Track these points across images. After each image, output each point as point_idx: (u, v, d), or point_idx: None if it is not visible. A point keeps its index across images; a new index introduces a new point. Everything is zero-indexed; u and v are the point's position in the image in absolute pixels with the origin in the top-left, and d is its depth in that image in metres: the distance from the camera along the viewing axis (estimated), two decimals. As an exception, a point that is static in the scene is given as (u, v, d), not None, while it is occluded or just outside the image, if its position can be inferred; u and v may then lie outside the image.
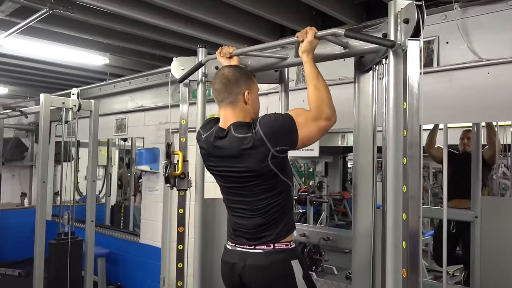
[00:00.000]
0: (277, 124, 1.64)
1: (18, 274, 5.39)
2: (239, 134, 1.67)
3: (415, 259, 1.43)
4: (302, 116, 1.66)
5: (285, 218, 1.74)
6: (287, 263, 1.69)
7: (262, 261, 1.70)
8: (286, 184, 1.73)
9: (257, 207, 1.71)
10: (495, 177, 3.93)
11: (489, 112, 2.35)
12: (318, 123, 1.65)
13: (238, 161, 1.67)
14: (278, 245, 1.70)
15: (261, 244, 1.71)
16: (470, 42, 2.36)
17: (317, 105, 1.66)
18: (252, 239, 1.73)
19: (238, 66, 1.86)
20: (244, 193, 1.74)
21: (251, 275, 1.70)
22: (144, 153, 4.64)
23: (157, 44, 3.54)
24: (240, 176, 1.71)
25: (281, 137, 1.63)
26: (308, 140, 1.67)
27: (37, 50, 3.61)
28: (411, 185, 1.43)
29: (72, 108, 3.71)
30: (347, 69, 2.60)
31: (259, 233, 1.71)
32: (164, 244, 4.54)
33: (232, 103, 1.73)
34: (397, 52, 1.50)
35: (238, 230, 1.78)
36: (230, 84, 1.72)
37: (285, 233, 1.73)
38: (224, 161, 1.74)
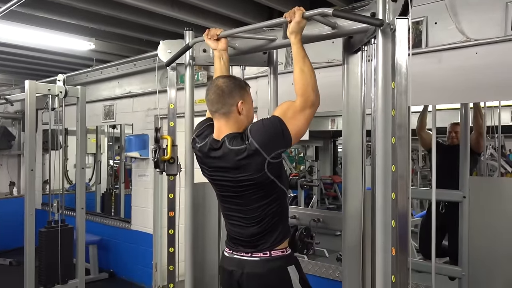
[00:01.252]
0: (268, 131, 1.63)
1: (10, 263, 5.39)
2: (233, 146, 1.65)
3: (404, 238, 1.45)
4: (288, 111, 1.64)
5: (281, 225, 1.75)
6: (284, 269, 1.71)
7: (259, 269, 1.72)
8: (281, 190, 1.73)
9: (253, 216, 1.72)
10: (483, 159, 3.97)
11: (477, 92, 2.37)
12: (304, 112, 1.64)
13: (234, 172, 1.67)
14: (274, 252, 1.72)
15: (257, 252, 1.72)
16: (459, 22, 2.36)
17: (303, 92, 1.64)
18: (249, 246, 1.74)
19: (232, 76, 1.83)
20: (239, 202, 1.74)
21: (249, 282, 1.72)
22: (133, 139, 4.60)
23: (144, 28, 3.48)
24: (235, 185, 1.70)
25: (275, 142, 1.62)
26: (299, 133, 1.67)
27: (20, 36, 3.53)
28: (400, 165, 1.43)
29: (58, 95, 3.65)
30: (336, 52, 2.59)
31: (256, 241, 1.73)
32: (156, 230, 4.55)
33: (225, 114, 1.71)
34: (385, 31, 1.49)
35: (234, 238, 1.79)
36: (224, 95, 1.70)
37: (281, 239, 1.74)
38: (220, 172, 1.73)
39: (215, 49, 1.99)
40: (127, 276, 4.88)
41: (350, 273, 2.03)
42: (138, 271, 4.73)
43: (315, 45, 1.91)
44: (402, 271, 1.44)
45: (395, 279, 1.44)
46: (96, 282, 4.78)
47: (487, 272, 2.67)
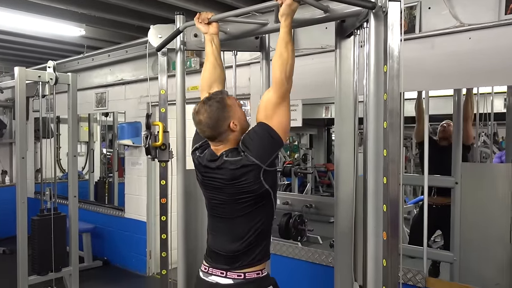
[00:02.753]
0: (259, 141, 1.62)
1: (3, 252, 5.38)
2: (230, 158, 1.65)
3: (395, 222, 1.45)
4: (268, 109, 1.63)
5: (263, 243, 1.73)
6: None
7: None
8: (271, 205, 1.71)
9: (238, 229, 1.70)
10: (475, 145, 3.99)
11: (470, 77, 2.36)
12: (282, 104, 1.63)
13: (229, 182, 1.66)
14: (249, 274, 1.69)
15: (233, 270, 1.69)
16: (452, 7, 2.35)
17: (278, 80, 1.62)
18: (227, 263, 1.71)
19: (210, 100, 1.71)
20: (227, 211, 1.72)
21: None
22: (126, 127, 4.57)
23: (135, 14, 3.43)
24: (227, 195, 1.69)
25: (268, 149, 1.63)
26: (285, 126, 1.65)
27: (8, 22, 3.46)
28: (392, 149, 1.43)
29: (49, 82, 3.60)
30: (329, 37, 2.56)
31: (235, 258, 1.70)
32: (149, 217, 4.55)
33: (223, 140, 1.70)
34: (377, 14, 1.47)
35: (214, 252, 1.77)
36: (214, 128, 1.67)
37: (260, 259, 1.72)
38: (215, 181, 1.72)
39: (206, 33, 1.97)
40: (121, 264, 4.89)
41: (342, 258, 2.05)
42: (132, 259, 4.74)
43: (308, 31, 1.90)
44: (393, 255, 1.44)
45: (386, 263, 1.45)
46: (90, 270, 4.78)
47: (478, 257, 2.70)
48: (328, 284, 2.54)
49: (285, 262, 3.23)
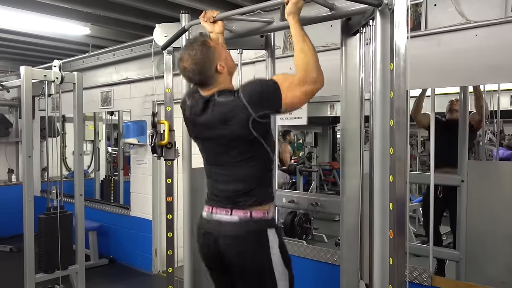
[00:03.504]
0: (260, 89, 1.62)
1: (10, 250, 5.42)
2: (222, 99, 1.66)
3: (401, 220, 1.44)
4: (287, 81, 1.62)
5: (264, 186, 1.74)
6: (263, 232, 1.69)
7: (237, 230, 1.69)
8: (266, 152, 1.71)
9: (237, 173, 1.70)
10: (481, 143, 3.97)
11: (477, 75, 2.35)
12: (303, 87, 1.60)
13: (220, 126, 1.66)
14: (255, 213, 1.69)
15: (238, 209, 1.69)
16: (458, 4, 2.33)
17: (303, 68, 1.62)
18: (230, 202, 1.71)
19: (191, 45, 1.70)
20: (224, 159, 1.73)
21: (226, 244, 1.70)
22: (131, 126, 4.58)
23: (140, 13, 3.44)
24: (220, 140, 1.70)
25: (264, 101, 1.61)
26: (292, 104, 1.64)
27: (14, 21, 3.49)
28: (398, 147, 1.42)
29: (55, 81, 3.61)
30: (334, 35, 2.55)
31: (237, 197, 1.70)
32: (155, 216, 4.57)
33: (211, 84, 1.70)
34: (384, 11, 1.46)
35: (216, 194, 1.77)
36: (201, 74, 1.67)
37: (263, 201, 1.72)
38: (206, 127, 1.72)
39: (212, 32, 1.97)
40: (127, 262, 4.91)
41: (348, 256, 2.04)
42: (138, 257, 4.75)
43: (313, 29, 1.88)
44: (399, 254, 1.44)
45: (393, 261, 1.44)
46: (96, 268, 4.80)
47: (484, 255, 2.69)
48: (333, 283, 2.54)
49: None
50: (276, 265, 1.69)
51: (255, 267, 1.70)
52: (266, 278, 1.69)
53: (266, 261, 1.68)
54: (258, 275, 1.70)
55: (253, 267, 1.70)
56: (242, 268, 1.71)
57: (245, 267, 1.71)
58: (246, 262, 1.70)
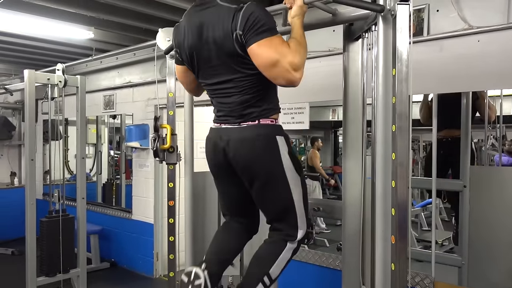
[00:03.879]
0: (261, 15, 1.55)
1: (12, 253, 5.42)
2: (225, 3, 1.61)
3: (404, 226, 1.44)
4: (280, 41, 1.56)
5: (270, 96, 1.70)
6: (272, 137, 1.65)
7: (246, 134, 1.65)
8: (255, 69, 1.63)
9: (239, 85, 1.65)
10: (484, 149, 3.96)
11: (479, 80, 2.35)
12: (281, 58, 1.52)
13: (214, 28, 1.61)
14: (263, 120, 1.66)
15: (246, 121, 1.66)
16: (461, 9, 2.33)
17: (291, 49, 1.56)
18: (237, 116, 1.68)
19: None
20: (223, 72, 1.67)
21: (235, 148, 1.66)
22: (133, 129, 4.59)
23: (143, 17, 3.46)
24: (216, 49, 1.63)
25: (251, 25, 1.54)
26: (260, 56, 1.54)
27: (18, 25, 3.51)
28: (400, 153, 1.42)
29: (58, 84, 3.63)
30: (336, 40, 2.56)
31: (244, 109, 1.66)
32: (157, 219, 4.57)
33: None
34: (386, 17, 1.47)
35: (222, 110, 1.73)
36: None
37: (270, 110, 1.69)
38: (204, 33, 1.65)
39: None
40: (128, 266, 4.90)
41: (350, 261, 2.04)
42: (139, 261, 4.75)
43: (315, 34, 1.89)
44: (401, 259, 1.43)
45: (395, 267, 1.44)
46: (97, 271, 4.80)
47: (487, 261, 2.68)
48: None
49: (292, 265, 3.20)
50: (287, 170, 1.65)
51: (266, 169, 1.65)
52: (279, 182, 1.66)
53: (277, 164, 1.64)
54: (271, 179, 1.66)
55: (263, 170, 1.65)
56: (253, 173, 1.67)
57: (256, 172, 1.66)
58: (256, 166, 1.65)
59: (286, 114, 3.18)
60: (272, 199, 1.70)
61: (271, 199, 1.70)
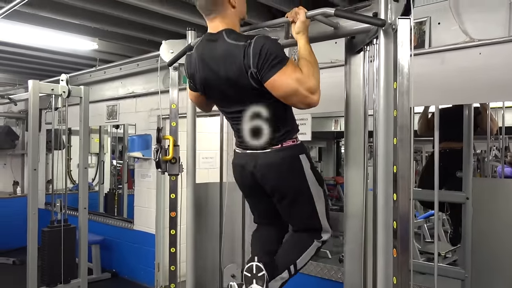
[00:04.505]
0: (270, 48, 1.57)
1: (13, 263, 5.41)
2: (232, 40, 1.64)
3: (405, 239, 1.44)
4: (293, 67, 1.59)
5: (288, 119, 1.76)
6: (296, 158, 1.75)
7: (271, 158, 1.73)
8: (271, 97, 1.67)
9: (257, 112, 1.70)
10: (486, 160, 3.95)
11: (481, 93, 2.35)
12: (299, 86, 1.57)
13: (227, 67, 1.63)
14: (285, 143, 1.73)
15: (268, 146, 1.73)
16: (462, 22, 2.35)
17: (305, 74, 1.60)
18: (260, 144, 1.74)
19: None
20: (239, 101, 1.72)
21: (263, 172, 1.75)
22: (136, 139, 4.61)
23: (147, 28, 3.49)
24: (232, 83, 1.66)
25: (264, 60, 1.56)
26: (279, 87, 1.59)
27: (24, 36, 3.54)
28: (401, 166, 1.42)
29: (62, 95, 3.66)
30: (338, 52, 2.58)
31: (265, 136, 1.73)
32: (158, 230, 4.56)
33: (220, 13, 1.69)
34: (387, 31, 1.48)
35: (243, 136, 1.78)
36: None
37: (291, 131, 1.76)
38: (216, 67, 1.68)
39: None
40: (129, 276, 4.88)
41: (351, 274, 2.03)
42: (140, 271, 4.73)
43: (317, 46, 1.90)
44: (403, 273, 1.43)
45: (396, 280, 1.43)
46: (98, 282, 4.78)
47: (490, 274, 2.65)
48: (337, 300, 2.51)
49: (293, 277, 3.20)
50: (311, 185, 1.77)
51: (294, 189, 1.77)
52: (305, 198, 1.78)
53: (302, 183, 1.76)
54: (297, 195, 1.78)
55: (291, 190, 1.77)
56: (282, 193, 1.78)
57: (284, 192, 1.77)
58: (284, 187, 1.76)
59: (288, 125, 3.18)
60: (299, 213, 1.83)
61: (298, 213, 1.83)
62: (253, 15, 3.06)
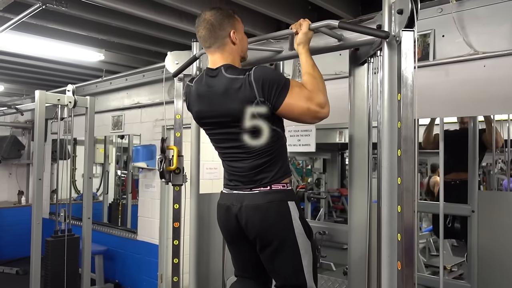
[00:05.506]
0: (271, 76, 1.60)
1: (16, 272, 5.40)
2: (230, 75, 1.64)
3: (410, 251, 1.42)
4: (299, 87, 1.62)
5: (281, 161, 1.72)
6: (284, 203, 1.67)
7: (258, 200, 1.67)
8: (277, 131, 1.70)
9: (251, 150, 1.68)
10: (492, 173, 3.93)
11: (485, 105, 2.35)
12: (309, 103, 1.60)
13: (226, 101, 1.64)
14: (274, 186, 1.68)
15: (257, 187, 1.68)
16: (466, 35, 2.35)
17: (312, 89, 1.62)
18: (248, 182, 1.70)
19: (218, 7, 1.78)
20: (235, 138, 1.70)
21: (248, 215, 1.68)
22: (140, 150, 4.62)
23: (153, 40, 3.52)
24: (229, 119, 1.67)
25: (269, 89, 1.58)
26: (292, 110, 1.62)
27: (31, 47, 3.59)
28: (406, 177, 1.42)
29: (68, 105, 3.69)
30: (342, 64, 2.59)
31: (255, 175, 1.69)
32: (162, 241, 4.54)
33: (220, 47, 1.71)
34: (391, 43, 1.49)
35: (233, 174, 1.76)
36: (215, 29, 1.69)
37: (282, 175, 1.71)
38: (213, 103, 1.69)
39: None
40: (132, 287, 4.86)
41: (355, 287, 2.01)
42: (143, 282, 4.71)
43: (321, 57, 1.91)
44: (408, 286, 1.41)
45: (401, 293, 1.42)
46: (101, 292, 4.77)
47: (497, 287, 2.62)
48: (341, 313, 2.48)
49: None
50: (298, 235, 1.67)
51: (279, 237, 1.67)
52: (290, 249, 1.67)
53: (289, 231, 1.66)
54: (282, 245, 1.67)
55: (276, 237, 1.67)
56: (266, 240, 1.68)
57: (268, 238, 1.68)
58: (269, 233, 1.67)
59: (293, 136, 3.19)
60: (283, 265, 1.71)
61: (281, 265, 1.71)
62: (258, 27, 3.09)
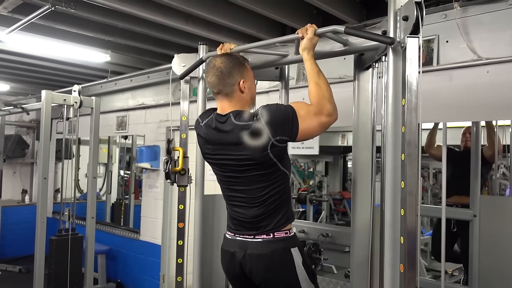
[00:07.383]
0: (279, 114, 1.64)
1: (19, 271, 5.43)
2: (239, 122, 1.67)
3: (412, 254, 1.44)
4: (303, 109, 1.66)
5: (284, 207, 1.75)
6: (287, 251, 1.70)
7: (262, 250, 1.71)
8: (284, 174, 1.73)
9: (256, 196, 1.71)
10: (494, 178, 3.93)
11: (488, 111, 2.37)
12: (319, 118, 1.65)
13: (237, 148, 1.67)
14: (277, 233, 1.71)
15: (260, 234, 1.71)
16: (470, 41, 2.38)
17: (318, 101, 1.66)
18: (252, 228, 1.73)
19: (229, 54, 1.83)
20: (242, 182, 1.74)
21: (252, 263, 1.71)
22: (144, 150, 4.65)
23: (158, 42, 3.55)
24: (238, 164, 1.71)
25: (282, 127, 1.63)
26: (308, 133, 1.68)
27: (38, 47, 3.62)
28: (409, 181, 1.44)
29: (73, 105, 3.72)
30: (347, 68, 2.61)
31: (259, 222, 1.72)
32: (164, 241, 4.56)
33: (228, 95, 1.74)
34: (396, 49, 1.51)
35: (237, 219, 1.79)
36: (224, 76, 1.72)
37: (285, 222, 1.73)
38: (223, 148, 1.74)
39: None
40: (134, 287, 4.88)
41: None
42: (145, 282, 4.73)
43: (326, 61, 1.93)
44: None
45: (403, 296, 1.43)
46: (103, 292, 4.79)
47: (498, 292, 2.63)
48: (343, 316, 2.50)
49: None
50: (302, 281, 1.71)
51: (283, 284, 1.72)
52: None
53: (292, 278, 1.70)
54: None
55: (281, 284, 1.72)
56: (271, 286, 1.73)
57: (273, 285, 1.72)
58: (273, 281, 1.71)
59: (296, 139, 3.20)
60: None
61: None
62: (264, 31, 3.12)
